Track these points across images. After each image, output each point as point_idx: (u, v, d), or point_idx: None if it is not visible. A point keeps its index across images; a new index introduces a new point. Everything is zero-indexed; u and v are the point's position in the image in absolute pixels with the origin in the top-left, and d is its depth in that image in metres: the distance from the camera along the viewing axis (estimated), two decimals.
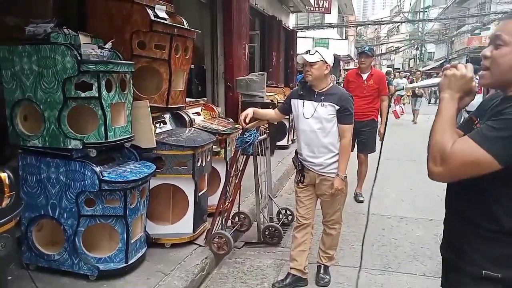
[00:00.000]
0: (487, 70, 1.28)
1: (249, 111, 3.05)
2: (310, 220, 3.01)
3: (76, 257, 2.72)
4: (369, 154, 5.02)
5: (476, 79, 1.33)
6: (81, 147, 2.61)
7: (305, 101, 2.90)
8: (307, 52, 2.87)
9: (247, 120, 3.04)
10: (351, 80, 5.05)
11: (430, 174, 1.25)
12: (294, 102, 2.98)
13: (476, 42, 23.63)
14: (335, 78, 8.47)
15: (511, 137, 1.14)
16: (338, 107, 2.81)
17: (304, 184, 3.00)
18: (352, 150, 3.04)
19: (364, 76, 4.93)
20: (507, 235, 1.24)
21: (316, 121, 2.85)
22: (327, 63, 2.83)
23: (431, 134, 1.26)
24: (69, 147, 2.61)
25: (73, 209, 2.66)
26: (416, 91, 12.57)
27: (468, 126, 1.40)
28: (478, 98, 1.52)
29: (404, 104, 14.27)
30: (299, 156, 3.01)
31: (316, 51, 2.85)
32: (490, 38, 1.29)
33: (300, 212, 3.02)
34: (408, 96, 14.67)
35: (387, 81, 5.46)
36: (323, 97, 2.84)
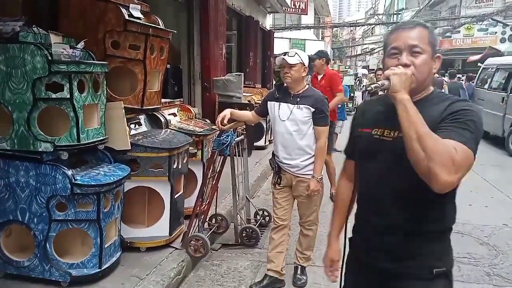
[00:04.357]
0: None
1: (227, 112, 3.02)
2: (287, 221, 3.02)
3: (47, 263, 2.64)
4: (333, 154, 5.24)
5: None
6: (52, 150, 2.53)
7: (281, 103, 2.91)
8: (285, 53, 2.88)
9: (224, 121, 3.02)
10: (312, 82, 5.36)
11: (443, 185, 1.14)
12: (270, 104, 2.99)
13: (447, 44, 24.35)
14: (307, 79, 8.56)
15: (478, 138, 1.22)
16: (314, 110, 2.83)
17: (281, 185, 3.01)
18: None
19: (319, 77, 5.27)
20: (447, 231, 1.39)
21: (292, 123, 2.86)
22: (304, 65, 2.86)
23: (420, 140, 1.15)
24: (39, 149, 2.53)
25: (44, 214, 2.58)
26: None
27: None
28: None
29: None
30: (275, 158, 3.01)
31: (296, 53, 2.86)
32: (400, 47, 1.32)
33: (277, 214, 3.03)
34: None
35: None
36: (298, 99, 2.85)
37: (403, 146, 1.23)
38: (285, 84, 2.95)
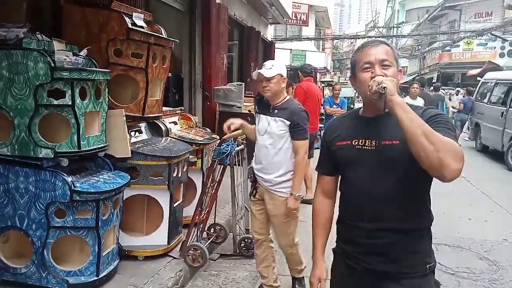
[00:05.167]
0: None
1: (237, 122, 2.91)
2: (264, 235, 2.94)
3: (44, 270, 2.62)
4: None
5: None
6: (52, 156, 2.53)
7: (261, 115, 2.82)
8: (262, 66, 2.77)
9: (231, 128, 2.91)
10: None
11: (454, 172, 1.21)
12: (256, 117, 2.93)
13: (446, 58, 24.52)
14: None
15: (455, 135, 1.35)
16: (289, 123, 2.68)
17: (256, 197, 2.92)
18: None
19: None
20: (430, 228, 1.49)
21: (268, 136, 2.74)
22: (283, 76, 2.74)
23: (427, 134, 1.21)
24: (40, 156, 2.52)
25: (42, 220, 2.57)
26: None
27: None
28: None
29: None
30: (253, 168, 2.94)
31: (273, 65, 2.75)
32: (372, 61, 1.42)
33: (254, 227, 2.97)
34: None
35: None
36: (276, 111, 2.74)
37: (389, 153, 1.38)
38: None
